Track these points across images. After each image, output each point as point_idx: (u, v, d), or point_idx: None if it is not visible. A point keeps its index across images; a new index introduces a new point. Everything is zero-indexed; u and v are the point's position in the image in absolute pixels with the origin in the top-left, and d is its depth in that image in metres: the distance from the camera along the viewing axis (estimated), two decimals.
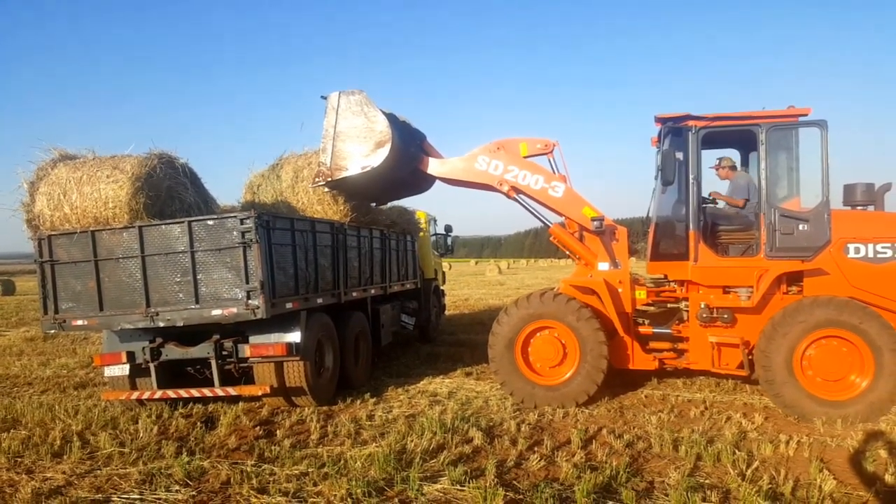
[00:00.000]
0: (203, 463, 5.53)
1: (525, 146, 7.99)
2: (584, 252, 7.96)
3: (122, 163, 6.96)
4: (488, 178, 7.90)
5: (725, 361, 7.30)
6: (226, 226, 6.53)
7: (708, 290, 7.28)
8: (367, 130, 7.42)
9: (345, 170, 7.52)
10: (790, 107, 7.06)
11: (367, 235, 9.50)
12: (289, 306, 6.97)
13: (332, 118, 7.53)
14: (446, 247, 15.19)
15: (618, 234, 7.79)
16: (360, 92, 7.50)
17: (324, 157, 7.58)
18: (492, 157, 7.88)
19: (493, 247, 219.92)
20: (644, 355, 7.69)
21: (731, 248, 7.41)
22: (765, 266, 6.93)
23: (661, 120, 7.47)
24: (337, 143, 7.52)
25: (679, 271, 7.45)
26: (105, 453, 5.87)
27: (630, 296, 7.66)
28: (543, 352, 7.48)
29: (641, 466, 5.32)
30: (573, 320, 7.30)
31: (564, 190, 7.78)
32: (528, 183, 7.80)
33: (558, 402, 7.24)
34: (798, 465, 5.25)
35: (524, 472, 5.23)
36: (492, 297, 25.26)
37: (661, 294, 7.96)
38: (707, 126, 7.20)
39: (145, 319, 6.73)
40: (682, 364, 7.63)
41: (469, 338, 13.44)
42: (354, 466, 5.29)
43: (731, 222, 7.47)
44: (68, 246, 6.86)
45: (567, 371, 7.36)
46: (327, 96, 7.60)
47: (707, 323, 7.22)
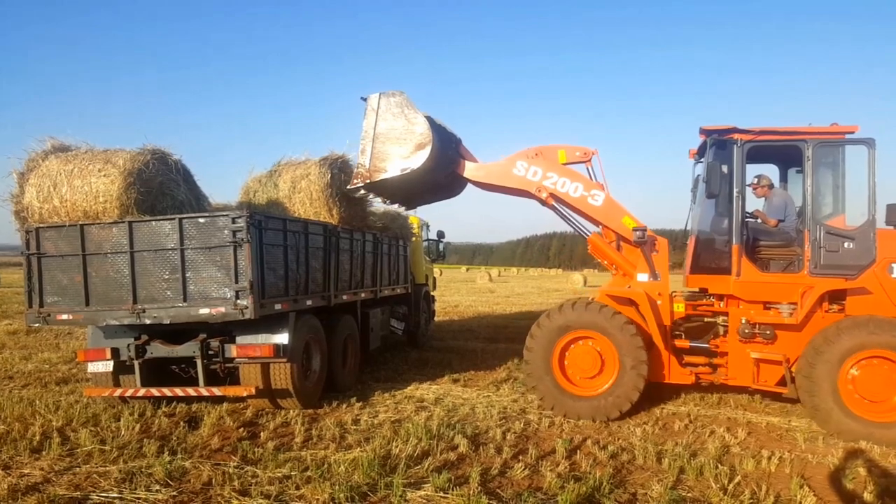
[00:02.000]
0: (185, 463, 5.47)
1: (563, 153, 7.90)
2: (622, 262, 7.82)
3: (115, 157, 6.91)
4: (526, 185, 7.78)
5: (764, 378, 7.17)
6: (217, 224, 6.49)
7: (748, 306, 7.19)
8: (408, 132, 7.32)
9: (384, 171, 7.40)
10: (833, 124, 7.01)
11: (360, 239, 9.47)
12: (278, 307, 6.93)
13: (371, 119, 7.43)
14: (438, 253, 15.20)
15: (658, 245, 7.67)
16: (401, 93, 7.41)
17: (362, 159, 7.46)
18: (530, 163, 7.77)
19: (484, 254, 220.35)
20: (680, 369, 7.55)
21: (772, 263, 7.34)
22: (808, 283, 6.86)
23: (707, 132, 7.38)
24: (376, 145, 7.39)
25: (720, 285, 7.36)
26: (85, 450, 5.80)
27: (669, 308, 7.54)
28: (581, 363, 7.33)
29: (625, 478, 5.33)
30: (613, 331, 7.15)
31: (604, 199, 7.65)
32: (568, 190, 7.68)
33: (596, 414, 7.09)
34: (779, 480, 5.28)
35: (508, 480, 5.22)
36: (482, 304, 25.25)
37: (699, 308, 7.85)
38: (753, 140, 7.13)
39: (131, 316, 6.67)
40: (718, 379, 7.49)
41: (458, 344, 13.43)
42: (338, 471, 5.26)
43: (772, 238, 7.38)
44: (56, 239, 6.79)
45: (605, 383, 7.20)
46: (367, 97, 7.50)
47: (747, 338, 7.11)
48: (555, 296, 32.25)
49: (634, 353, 7.10)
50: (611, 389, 7.16)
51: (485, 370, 10.33)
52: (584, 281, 46.48)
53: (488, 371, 10.25)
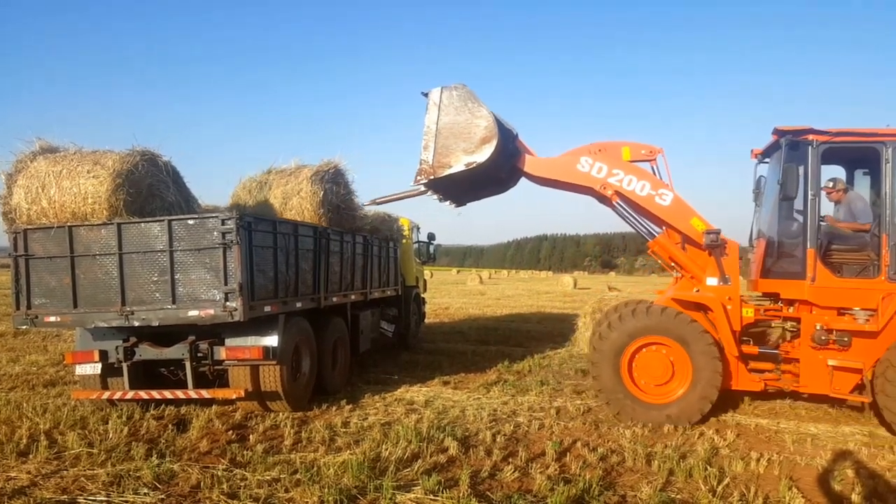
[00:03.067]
0: (173, 466, 5.45)
1: (628, 150, 7.69)
2: (691, 265, 7.57)
3: (104, 158, 6.86)
4: (590, 181, 7.52)
5: (838, 385, 6.98)
6: (206, 226, 6.47)
7: (822, 311, 7.00)
8: (471, 126, 7.07)
9: (448, 167, 7.14)
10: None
11: (350, 241, 9.46)
12: (267, 309, 6.91)
13: (433, 114, 7.18)
14: (428, 255, 15.20)
15: (728, 248, 7.39)
16: (463, 86, 7.18)
17: (425, 155, 7.17)
18: (595, 160, 7.51)
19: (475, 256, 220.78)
20: (748, 375, 7.39)
21: (846, 268, 7.14)
22: (887, 288, 6.71)
23: (780, 132, 7.17)
24: (439, 140, 7.14)
25: (794, 290, 7.16)
26: (73, 453, 5.75)
27: (739, 314, 7.32)
28: (650, 369, 7.17)
29: (614, 480, 5.35)
30: (689, 339, 7.01)
31: (673, 198, 7.38)
32: (634, 189, 7.40)
33: (671, 421, 6.98)
34: (768, 482, 5.32)
35: (498, 483, 5.23)
36: (472, 306, 25.29)
37: (767, 312, 7.62)
38: (829, 141, 6.94)
39: (120, 318, 6.63)
40: (787, 386, 7.32)
41: (448, 346, 13.44)
42: (327, 473, 5.25)
43: (846, 242, 7.20)
44: (44, 241, 6.74)
45: (678, 389, 7.07)
46: (428, 92, 7.29)
47: (822, 344, 6.93)
48: (545, 298, 32.34)
49: (711, 364, 6.96)
50: (684, 397, 7.02)
51: (475, 372, 10.34)
52: (575, 283, 46.65)
53: (479, 373, 10.26)
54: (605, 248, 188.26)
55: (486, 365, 10.92)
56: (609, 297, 13.57)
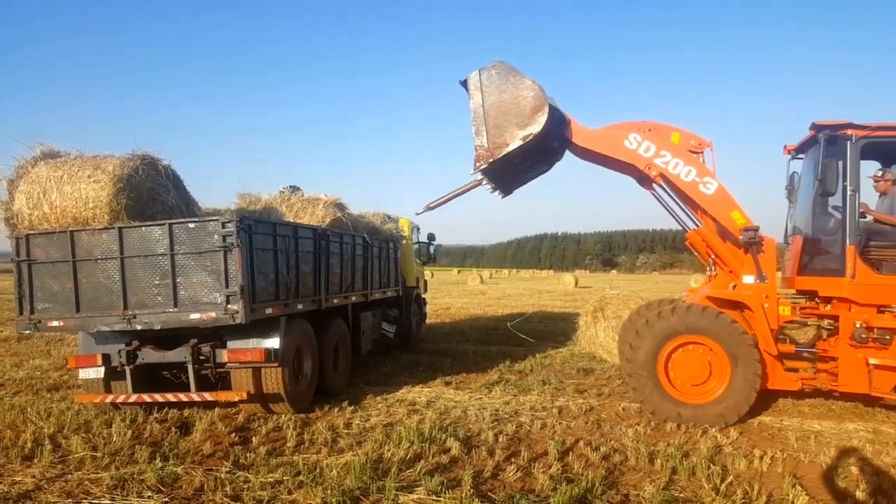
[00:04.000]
0: (177, 469, 5.46)
1: (678, 136, 7.52)
2: (731, 258, 7.42)
3: (104, 163, 6.89)
4: (636, 159, 7.33)
5: (878, 384, 6.88)
6: (207, 229, 6.48)
7: (861, 309, 6.91)
8: (518, 98, 6.90)
9: (506, 146, 6.93)
10: None
11: (350, 242, 9.48)
12: (268, 312, 6.93)
13: (477, 98, 7.01)
14: (429, 255, 15.21)
15: (766, 245, 7.24)
16: (501, 63, 7.02)
17: (479, 140, 6.99)
18: (644, 138, 7.32)
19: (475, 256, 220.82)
20: (785, 374, 7.33)
21: (885, 264, 7.04)
22: None
23: (818, 127, 7.08)
24: (489, 122, 6.96)
25: (833, 287, 7.06)
26: (77, 457, 5.77)
27: (776, 312, 7.26)
28: (687, 368, 7.09)
29: (617, 479, 5.35)
30: (725, 337, 6.94)
31: (717, 188, 7.19)
32: (679, 173, 7.22)
33: (709, 421, 6.88)
34: (772, 480, 5.32)
35: (501, 483, 5.24)
36: (473, 306, 25.30)
37: (804, 311, 7.56)
38: (868, 136, 6.85)
39: (122, 322, 6.65)
40: (825, 385, 7.22)
41: (450, 347, 13.45)
42: (330, 475, 5.26)
43: (885, 238, 7.11)
44: (46, 245, 6.76)
45: (717, 389, 6.98)
46: (466, 79, 7.15)
47: (862, 343, 6.83)
48: (546, 297, 32.36)
49: (745, 352, 6.88)
50: (723, 397, 6.94)
51: (477, 372, 10.35)
52: (576, 282, 46.65)
53: (480, 373, 10.28)
54: (606, 247, 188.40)
55: (488, 365, 10.94)
56: (610, 295, 13.56)
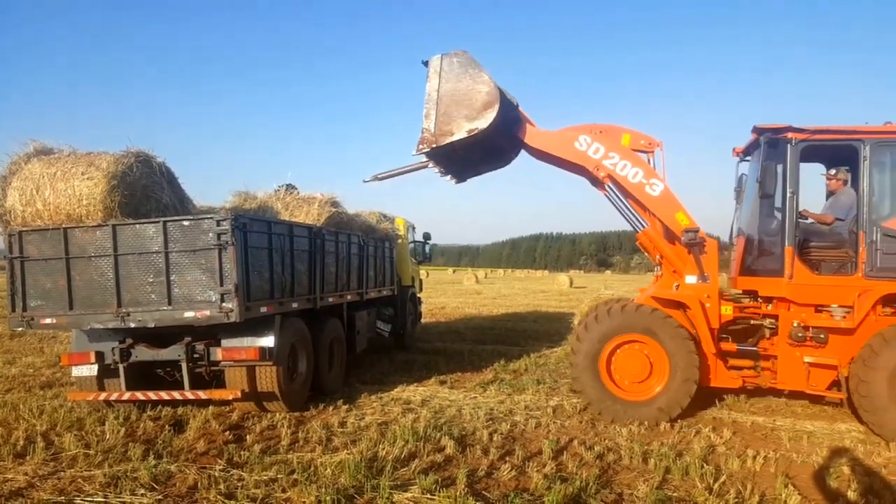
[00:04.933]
0: (170, 467, 5.45)
1: (628, 137, 7.67)
2: (675, 259, 7.55)
3: (98, 160, 6.84)
4: (585, 160, 7.48)
5: (815, 382, 7.06)
6: (202, 227, 6.46)
7: (799, 308, 7.05)
8: (472, 91, 6.96)
9: (450, 134, 7.01)
10: (888, 122, 6.93)
11: (346, 241, 9.47)
12: (263, 310, 6.91)
13: (434, 82, 7.07)
14: (424, 254, 15.20)
15: (708, 246, 7.42)
16: (464, 52, 7.09)
17: (427, 124, 7.05)
18: (594, 139, 7.48)
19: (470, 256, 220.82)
20: (727, 373, 7.46)
21: (823, 265, 7.17)
22: (864, 286, 6.73)
23: (759, 130, 7.22)
24: (440, 108, 7.03)
25: (772, 287, 7.21)
26: (69, 455, 5.75)
27: (717, 311, 7.37)
28: (629, 367, 7.22)
29: (611, 478, 5.37)
30: (665, 336, 7.06)
31: (662, 190, 7.37)
32: (627, 174, 7.38)
33: (648, 418, 7.02)
34: (764, 480, 5.34)
35: (495, 481, 5.24)
36: (468, 305, 25.30)
37: (746, 310, 7.68)
38: (807, 139, 6.96)
39: (116, 319, 6.62)
40: (766, 383, 7.38)
41: (445, 346, 13.45)
42: (324, 473, 5.26)
43: (823, 239, 7.24)
44: (39, 242, 6.72)
45: (655, 387, 7.12)
46: (428, 61, 7.21)
47: (799, 342, 6.98)
48: (541, 297, 32.40)
49: (687, 360, 6.99)
50: (661, 395, 7.07)
51: (471, 372, 10.36)
52: (571, 282, 46.75)
53: (475, 372, 10.28)
54: (601, 247, 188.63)
55: (483, 364, 10.94)
56: (605, 295, 13.60)
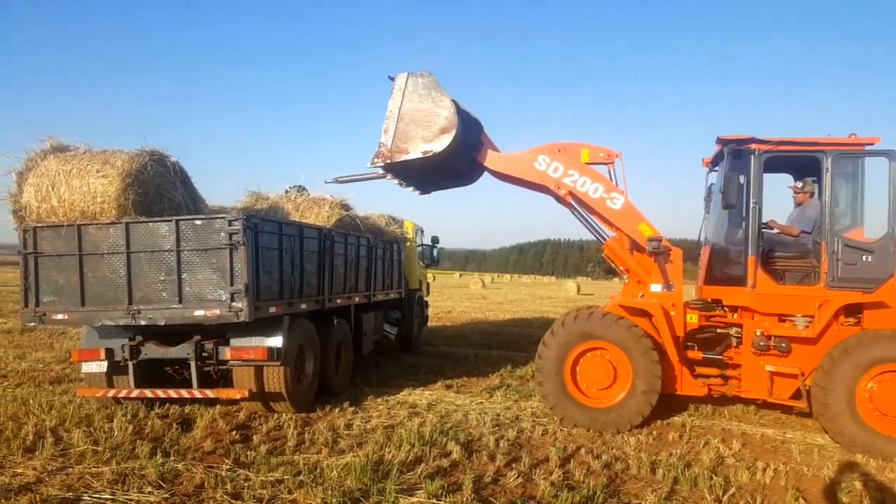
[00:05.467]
0: (177, 465, 5.47)
1: (587, 152, 7.77)
2: (638, 269, 7.71)
3: (113, 158, 6.91)
4: (546, 180, 7.63)
5: (778, 391, 7.11)
6: (213, 226, 6.50)
7: (763, 318, 7.12)
8: (433, 115, 7.14)
9: (405, 153, 7.20)
10: (852, 135, 6.96)
11: (355, 243, 9.49)
12: (272, 310, 6.94)
13: (397, 99, 7.25)
14: (432, 258, 15.20)
15: (673, 255, 7.52)
16: (430, 75, 7.25)
17: (385, 139, 7.24)
18: (553, 159, 7.61)
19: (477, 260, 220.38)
20: (693, 381, 7.49)
21: (788, 275, 7.25)
22: (825, 295, 6.79)
23: (724, 141, 7.32)
24: (400, 125, 7.20)
25: (735, 297, 7.28)
26: (78, 451, 5.78)
27: (682, 319, 7.43)
28: (593, 374, 7.27)
29: (618, 488, 5.34)
30: (628, 344, 7.10)
31: (623, 203, 7.49)
32: (587, 190, 7.52)
33: (611, 425, 7.05)
34: (774, 493, 5.29)
35: (501, 488, 5.22)
36: (475, 310, 25.27)
37: (711, 319, 7.72)
38: (771, 150, 7.05)
39: (127, 317, 6.66)
40: (731, 391, 7.43)
41: (451, 350, 13.44)
42: (330, 475, 5.26)
43: (787, 249, 7.33)
44: (53, 239, 6.78)
45: (619, 394, 7.15)
46: (395, 77, 7.37)
47: (762, 351, 7.05)
48: (548, 303, 32.30)
49: (649, 368, 7.03)
50: (625, 401, 7.10)
51: (478, 376, 10.34)
52: (578, 289, 46.59)
53: (481, 377, 10.26)
54: None
55: (489, 369, 10.92)
56: None
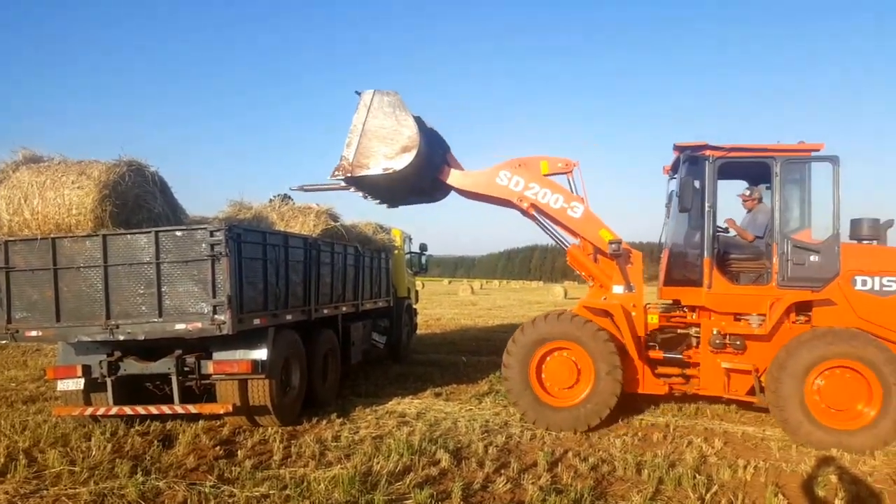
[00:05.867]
0: (159, 483, 5.33)
1: (546, 164, 8.03)
2: (599, 274, 7.99)
3: (90, 168, 6.75)
4: (508, 194, 7.91)
5: (735, 387, 7.37)
6: (194, 237, 6.38)
7: (720, 317, 7.38)
8: (396, 133, 7.35)
9: (366, 168, 7.41)
10: (800, 142, 7.25)
11: (341, 252, 9.38)
12: (256, 322, 6.81)
13: (362, 114, 7.43)
14: (420, 265, 15.14)
15: (633, 257, 7.85)
16: (395, 94, 7.45)
17: (347, 152, 7.42)
18: (513, 173, 7.90)
19: (466, 267, 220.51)
20: (654, 380, 7.72)
21: (742, 275, 7.53)
22: (776, 294, 7.07)
23: (680, 148, 7.61)
24: (363, 141, 7.39)
25: (692, 297, 7.54)
26: (53, 472, 5.61)
27: (643, 320, 7.71)
28: (558, 373, 7.45)
29: (605, 489, 5.34)
30: (585, 339, 7.30)
31: (583, 211, 7.82)
32: (548, 202, 7.84)
33: (572, 424, 7.19)
34: (755, 489, 5.38)
35: (490, 494, 5.18)
36: (464, 316, 25.21)
37: (672, 319, 8.00)
38: (724, 156, 7.34)
39: (104, 332, 6.50)
40: (691, 389, 7.65)
41: (440, 358, 13.35)
42: (318, 489, 5.15)
43: (742, 251, 7.62)
44: (27, 253, 6.61)
45: (581, 393, 7.33)
46: (361, 92, 7.52)
47: (719, 349, 7.30)
48: (536, 308, 32.29)
49: (608, 359, 7.22)
50: (589, 397, 7.27)
51: (467, 383, 10.27)
52: (565, 293, 46.70)
53: (470, 384, 10.19)
54: None
55: (478, 376, 10.84)
56: None
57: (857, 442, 6.45)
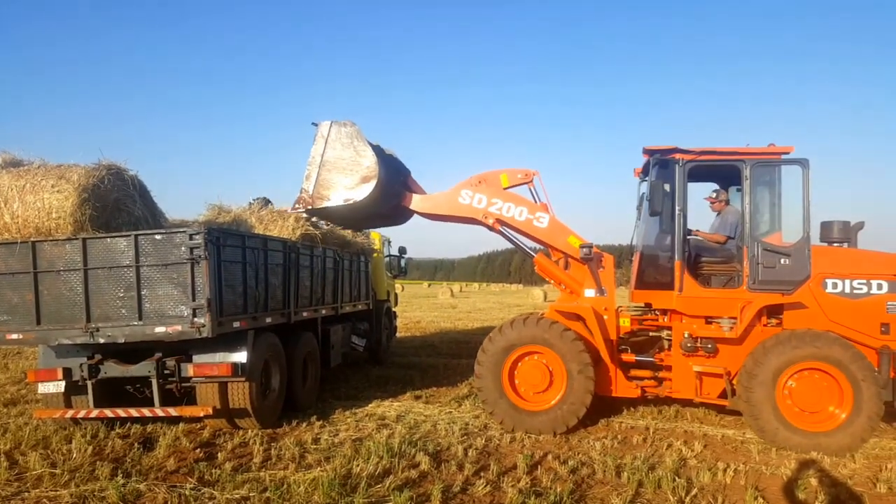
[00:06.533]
0: (139, 485, 5.34)
1: (505, 177, 8.09)
2: (568, 281, 8.07)
3: (69, 172, 6.73)
4: (472, 212, 7.96)
5: (707, 391, 7.40)
6: (174, 241, 6.39)
7: (691, 320, 7.39)
8: (355, 164, 7.41)
9: (326, 199, 7.51)
10: (770, 144, 7.27)
11: (320, 255, 9.42)
12: (236, 325, 6.84)
13: (320, 146, 7.48)
14: (399, 268, 15.19)
15: (604, 261, 7.89)
16: (352, 124, 7.50)
17: (306, 185, 7.51)
18: (475, 191, 7.96)
19: (445, 270, 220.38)
20: (627, 383, 7.74)
21: (714, 279, 7.57)
22: (747, 298, 7.10)
23: (650, 151, 7.62)
24: (322, 172, 7.46)
25: (664, 300, 7.55)
26: (34, 474, 5.60)
27: (615, 323, 7.73)
28: (530, 377, 7.48)
29: (585, 492, 5.40)
30: (556, 342, 7.33)
31: (549, 220, 7.89)
32: (513, 215, 7.90)
33: (551, 426, 7.22)
34: (735, 492, 5.42)
35: (470, 497, 5.24)
36: (444, 319, 25.28)
37: (644, 322, 8.04)
38: (694, 160, 7.35)
39: (85, 335, 6.49)
40: (663, 392, 7.68)
41: (420, 360, 13.41)
42: (297, 491, 5.20)
43: (713, 254, 7.64)
44: (6, 256, 6.57)
45: (553, 397, 7.36)
46: (318, 123, 7.55)
47: (690, 352, 7.32)
48: (516, 311, 32.41)
49: (578, 357, 7.26)
50: (564, 398, 7.30)
51: (447, 386, 10.34)
52: (545, 296, 46.91)
53: (450, 387, 10.27)
54: None
55: (458, 378, 10.92)
56: None
57: (834, 443, 6.50)
